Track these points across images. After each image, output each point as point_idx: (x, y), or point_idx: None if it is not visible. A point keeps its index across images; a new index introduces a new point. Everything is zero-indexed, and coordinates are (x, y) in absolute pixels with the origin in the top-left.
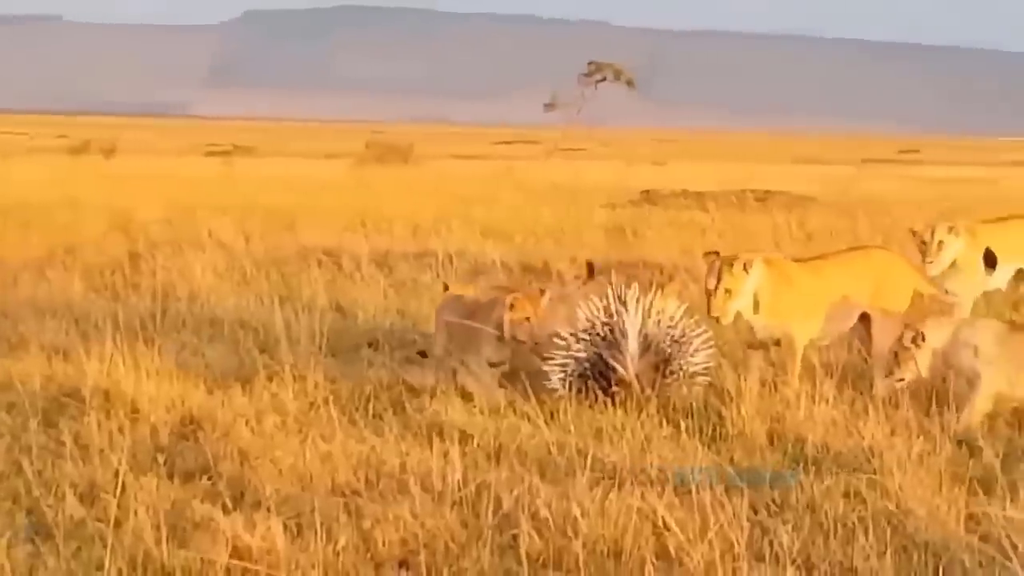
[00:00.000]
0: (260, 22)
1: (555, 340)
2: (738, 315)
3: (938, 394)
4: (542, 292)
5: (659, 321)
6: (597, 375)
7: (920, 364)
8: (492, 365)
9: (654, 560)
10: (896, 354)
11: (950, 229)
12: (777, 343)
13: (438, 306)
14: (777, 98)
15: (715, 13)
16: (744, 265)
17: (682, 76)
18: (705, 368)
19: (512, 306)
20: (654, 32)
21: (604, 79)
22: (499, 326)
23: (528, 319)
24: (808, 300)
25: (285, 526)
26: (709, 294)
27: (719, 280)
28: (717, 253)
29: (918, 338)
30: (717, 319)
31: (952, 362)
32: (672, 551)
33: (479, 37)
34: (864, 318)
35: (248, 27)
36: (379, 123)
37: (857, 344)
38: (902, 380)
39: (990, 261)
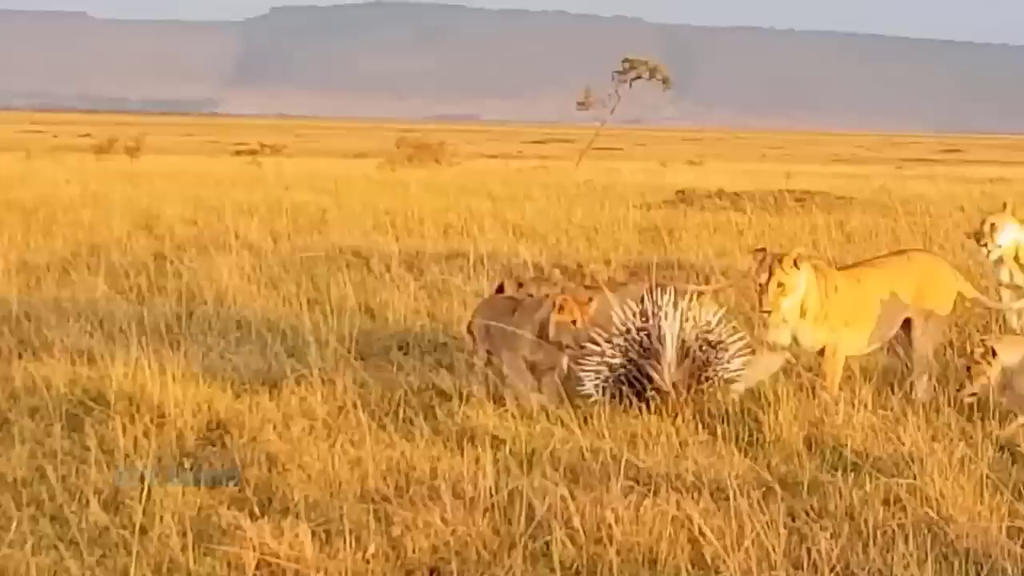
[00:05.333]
0: (286, 19)
1: (590, 345)
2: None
3: (980, 400)
4: (590, 298)
5: (696, 326)
6: (631, 381)
7: (993, 381)
8: (529, 366)
9: (690, 568)
10: (968, 368)
11: (1004, 207)
12: (821, 351)
13: (475, 310)
14: (816, 97)
15: (752, 9)
16: (795, 261)
17: (718, 74)
18: (741, 374)
19: (560, 308)
20: (689, 29)
21: (639, 77)
22: (542, 328)
23: (575, 322)
24: (852, 309)
25: (314, 533)
26: (760, 289)
27: (771, 274)
28: (764, 249)
29: (988, 354)
30: (768, 313)
31: (1015, 383)
32: (708, 559)
33: (509, 33)
34: (904, 322)
35: (274, 24)
36: (408, 121)
37: (897, 348)
38: (974, 395)
39: None
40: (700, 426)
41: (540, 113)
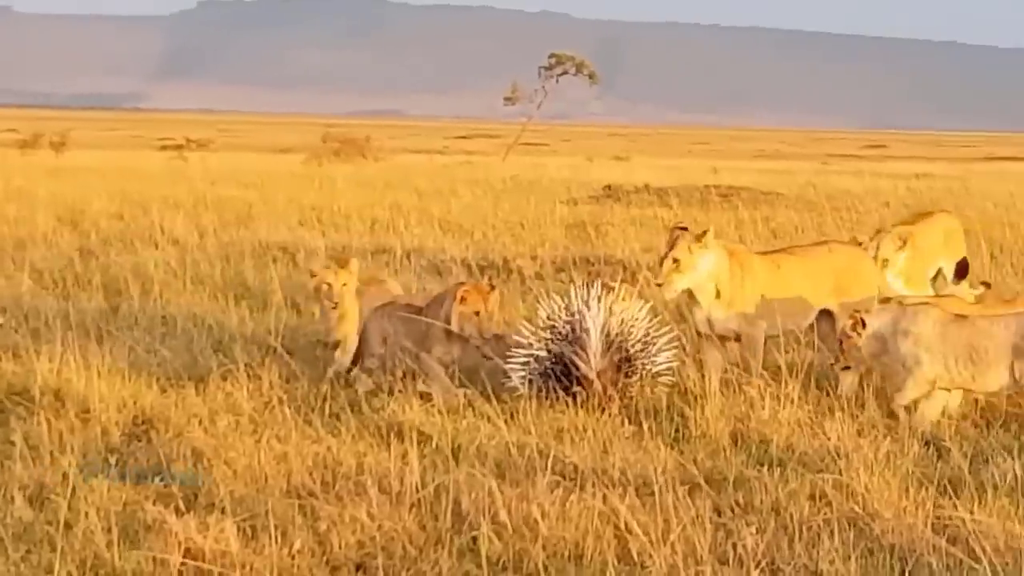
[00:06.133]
0: (213, 13)
1: (515, 338)
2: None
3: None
4: (492, 287)
5: (622, 320)
6: (558, 374)
7: (864, 351)
8: (442, 364)
9: (616, 563)
10: (840, 342)
11: (900, 247)
12: (737, 338)
13: (370, 313)
14: (740, 93)
15: (678, 5)
16: (699, 239)
17: (644, 70)
18: (668, 368)
19: (462, 299)
20: (616, 24)
21: (565, 72)
22: (447, 320)
23: (478, 313)
24: (768, 293)
25: (239, 528)
26: (660, 261)
27: (671, 249)
28: (686, 228)
29: (858, 325)
30: (660, 287)
31: (890, 347)
32: (634, 554)
33: (434, 28)
34: (828, 316)
35: (201, 18)
36: (333, 117)
37: (822, 343)
38: (847, 368)
39: (962, 272)
40: (627, 421)
41: (466, 108)
